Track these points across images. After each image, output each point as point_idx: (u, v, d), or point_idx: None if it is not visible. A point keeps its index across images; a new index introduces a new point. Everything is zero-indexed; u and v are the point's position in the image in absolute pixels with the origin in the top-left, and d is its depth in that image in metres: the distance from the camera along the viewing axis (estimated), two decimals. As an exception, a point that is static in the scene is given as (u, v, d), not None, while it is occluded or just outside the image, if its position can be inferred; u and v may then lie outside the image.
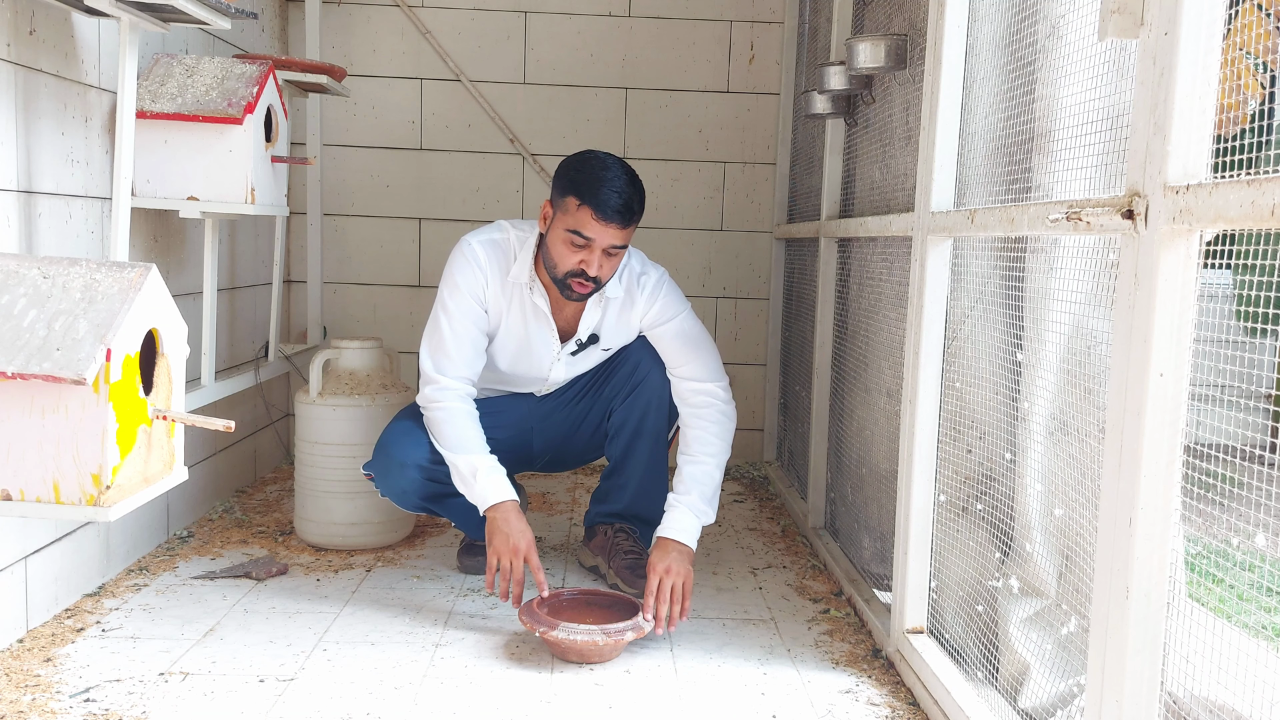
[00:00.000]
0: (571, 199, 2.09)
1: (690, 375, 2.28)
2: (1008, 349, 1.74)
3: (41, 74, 1.95)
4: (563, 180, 2.13)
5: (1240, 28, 1.43)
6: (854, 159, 2.61)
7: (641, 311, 2.29)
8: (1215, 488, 1.14)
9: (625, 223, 2.09)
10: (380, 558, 2.54)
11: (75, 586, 2.15)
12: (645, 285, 2.28)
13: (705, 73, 3.52)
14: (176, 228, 2.55)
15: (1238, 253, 1.12)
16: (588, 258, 2.11)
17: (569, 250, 2.11)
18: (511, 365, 2.34)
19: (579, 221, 2.08)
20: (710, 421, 2.26)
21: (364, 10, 3.43)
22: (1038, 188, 1.59)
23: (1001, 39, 1.74)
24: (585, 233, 2.08)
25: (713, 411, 2.27)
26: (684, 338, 2.29)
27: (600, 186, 2.07)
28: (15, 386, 1.38)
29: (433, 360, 2.22)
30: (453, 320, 2.22)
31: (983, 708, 1.63)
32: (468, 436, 2.17)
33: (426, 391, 2.21)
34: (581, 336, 2.30)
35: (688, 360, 2.29)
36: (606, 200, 2.06)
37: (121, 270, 1.47)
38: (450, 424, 2.18)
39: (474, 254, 2.23)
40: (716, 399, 2.27)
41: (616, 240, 2.10)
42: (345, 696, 1.78)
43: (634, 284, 2.29)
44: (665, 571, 2.08)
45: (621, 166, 2.13)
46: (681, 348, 2.29)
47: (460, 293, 2.22)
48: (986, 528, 1.77)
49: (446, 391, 2.20)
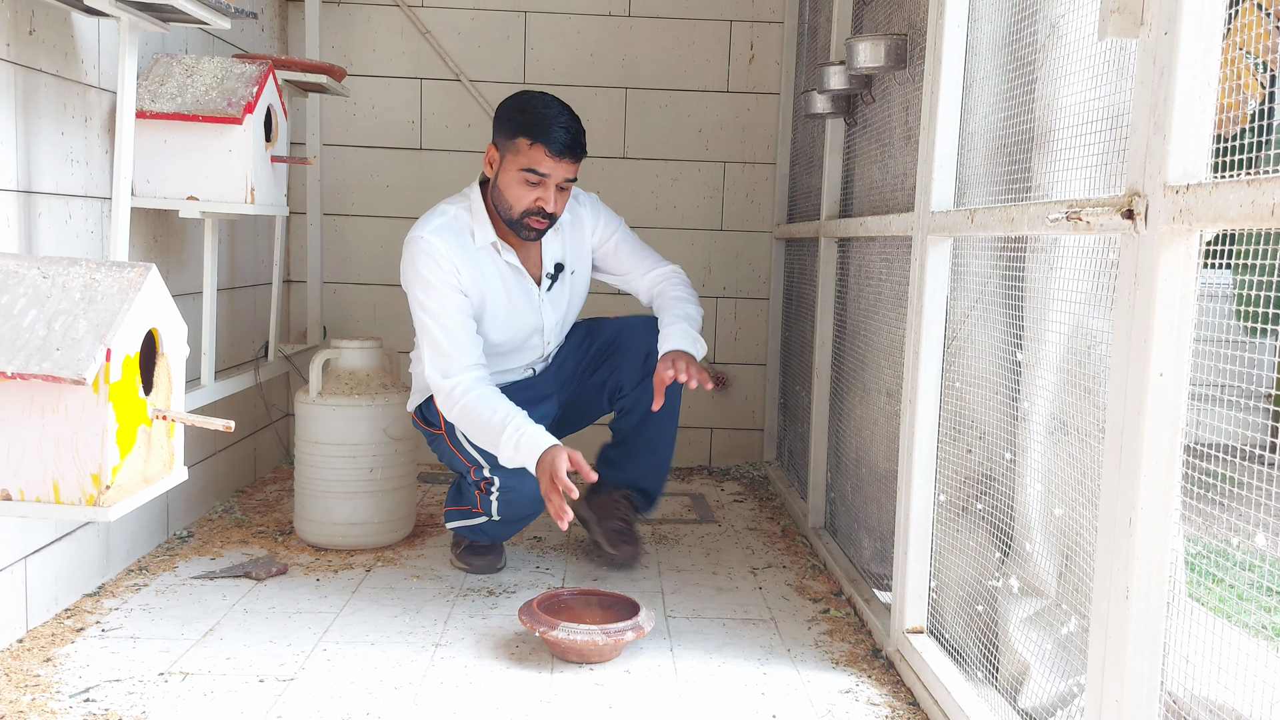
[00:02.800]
0: (522, 139, 2.20)
1: (651, 270, 2.49)
2: (1008, 349, 1.74)
3: (41, 74, 1.95)
4: (508, 123, 2.23)
5: (1240, 28, 1.43)
6: (854, 159, 2.61)
7: (590, 226, 2.45)
8: (1215, 488, 1.14)
9: (576, 157, 2.22)
10: (380, 558, 2.54)
11: (75, 586, 2.15)
12: (584, 202, 2.46)
13: (705, 73, 3.52)
14: (176, 228, 2.55)
15: (1238, 253, 1.12)
16: (544, 195, 2.22)
17: (524, 189, 2.21)
18: (505, 334, 2.37)
19: (533, 160, 2.19)
20: (675, 285, 2.46)
21: (364, 10, 3.42)
22: (1038, 187, 1.59)
23: (1001, 39, 1.73)
24: (540, 169, 2.19)
25: (676, 278, 2.49)
26: (633, 242, 2.51)
27: (550, 125, 2.18)
28: (15, 386, 1.38)
29: (438, 370, 2.22)
30: (439, 319, 2.22)
31: (983, 708, 1.63)
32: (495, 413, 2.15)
33: (441, 399, 2.22)
34: (549, 269, 2.39)
35: (643, 260, 2.50)
36: (557, 137, 2.18)
37: (121, 270, 1.47)
38: (475, 410, 2.16)
39: (432, 245, 2.24)
40: (676, 271, 2.51)
41: (569, 174, 2.23)
42: (345, 696, 1.78)
43: (573, 205, 2.43)
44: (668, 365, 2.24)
45: (560, 104, 2.24)
46: (634, 250, 2.50)
47: (434, 288, 2.23)
48: (986, 528, 1.77)
49: (458, 388, 2.19)
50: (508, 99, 2.28)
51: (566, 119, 2.20)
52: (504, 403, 2.17)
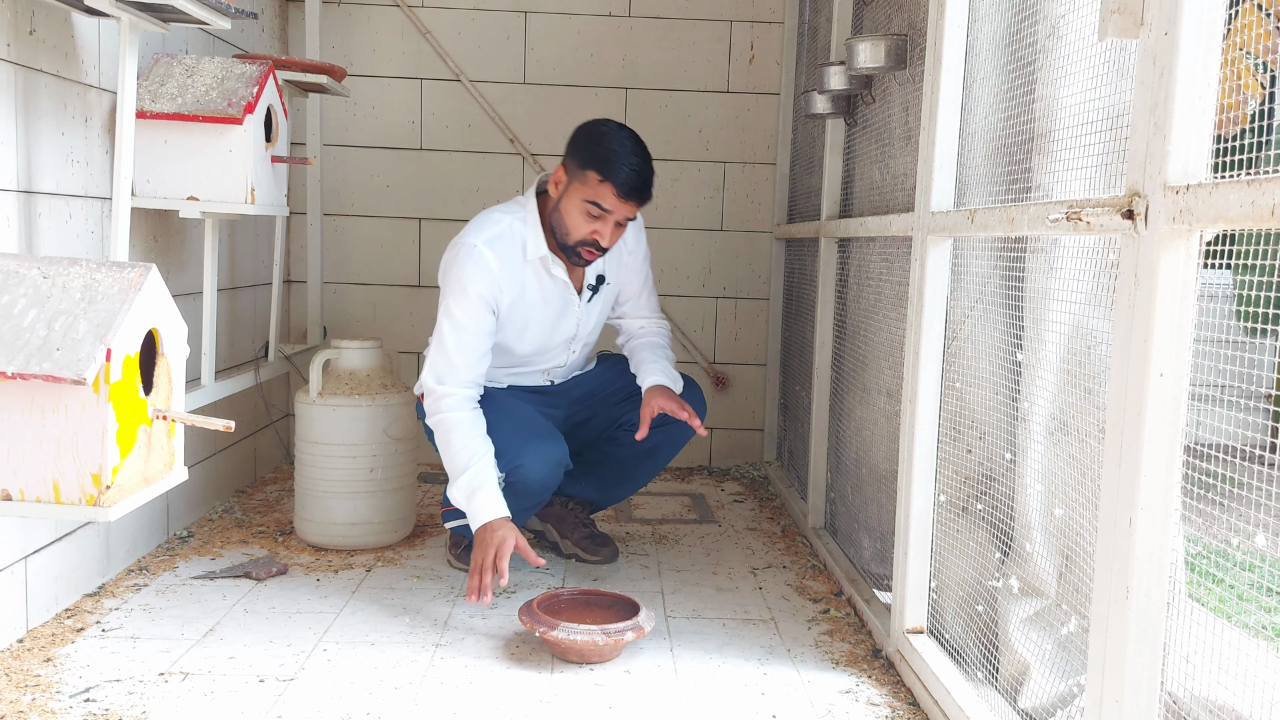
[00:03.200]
0: (593, 173, 2.19)
1: (645, 314, 2.55)
2: (1008, 349, 1.74)
3: (41, 74, 1.95)
4: (583, 152, 2.22)
5: (1240, 28, 1.43)
6: (854, 159, 2.61)
7: (630, 246, 2.48)
8: (1215, 488, 1.14)
9: (642, 201, 2.23)
10: (380, 558, 2.54)
11: (75, 586, 2.15)
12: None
13: (705, 73, 3.52)
14: (176, 228, 2.55)
15: (1238, 253, 1.12)
16: (602, 229, 2.23)
17: (585, 220, 2.22)
18: (537, 344, 2.39)
19: (599, 195, 2.19)
20: (662, 336, 2.54)
21: (364, 10, 3.43)
22: (1038, 188, 1.59)
23: (1001, 39, 1.74)
24: (604, 205, 2.19)
25: (665, 330, 2.57)
26: (648, 281, 2.55)
27: (622, 163, 2.18)
28: (15, 386, 1.38)
29: (435, 374, 2.24)
30: (460, 331, 2.23)
31: (983, 708, 1.63)
32: (467, 447, 2.17)
33: (429, 404, 2.24)
34: (591, 281, 2.42)
35: (649, 301, 2.56)
36: (627, 179, 2.18)
37: (121, 270, 1.47)
38: (451, 434, 2.19)
39: (483, 257, 2.23)
40: (664, 326, 2.59)
41: (632, 214, 2.24)
42: (345, 696, 1.78)
43: None
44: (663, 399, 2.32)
45: (636, 141, 2.24)
46: (643, 287, 2.54)
47: (469, 300, 2.22)
48: (986, 528, 1.77)
49: (445, 400, 2.21)
50: (586, 125, 2.27)
51: (639, 161, 2.20)
52: (480, 440, 2.19)
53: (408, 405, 2.61)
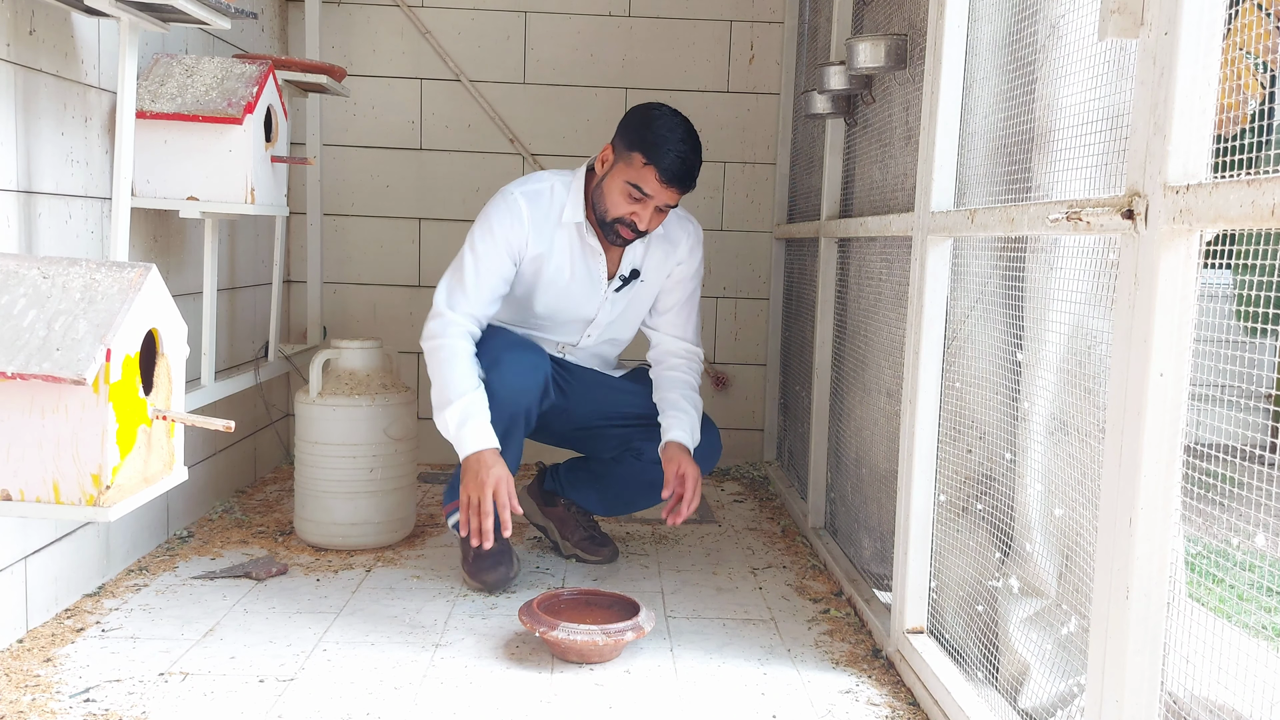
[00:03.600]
0: (638, 155, 2.18)
1: (683, 336, 2.48)
2: (1008, 349, 1.74)
3: (41, 74, 1.95)
4: (631, 133, 2.21)
5: (1240, 28, 1.43)
6: (854, 159, 2.61)
7: (680, 257, 2.43)
8: (1215, 488, 1.14)
9: (685, 188, 2.21)
10: (380, 558, 2.54)
11: (75, 586, 2.15)
12: (689, 232, 2.44)
13: (705, 73, 3.52)
14: (176, 228, 2.55)
15: (1238, 253, 1.12)
16: (640, 211, 2.21)
17: (625, 200, 2.21)
18: (551, 307, 2.37)
19: (641, 178, 2.18)
20: (693, 374, 2.46)
21: (364, 10, 3.43)
22: (1038, 188, 1.59)
23: (1001, 39, 1.73)
24: (645, 189, 2.18)
25: (696, 365, 2.48)
26: (692, 298, 2.49)
27: (668, 149, 2.16)
28: (15, 386, 1.38)
29: (448, 295, 2.25)
30: (480, 262, 2.25)
31: (983, 708, 1.62)
32: (466, 377, 2.17)
33: (432, 326, 2.23)
34: (624, 272, 2.38)
35: (687, 320, 2.48)
36: (671, 165, 2.16)
37: (121, 270, 1.47)
38: (452, 361, 2.18)
39: (516, 205, 2.26)
40: (699, 359, 2.50)
41: (673, 201, 2.22)
42: (345, 696, 1.78)
43: (678, 227, 2.42)
44: (687, 465, 2.23)
45: (687, 129, 2.21)
46: (685, 303, 2.48)
47: (494, 238, 2.25)
48: (986, 528, 1.77)
49: (452, 326, 2.21)
50: (638, 107, 2.27)
51: (686, 149, 2.18)
52: (477, 376, 2.19)
53: (408, 405, 2.62)
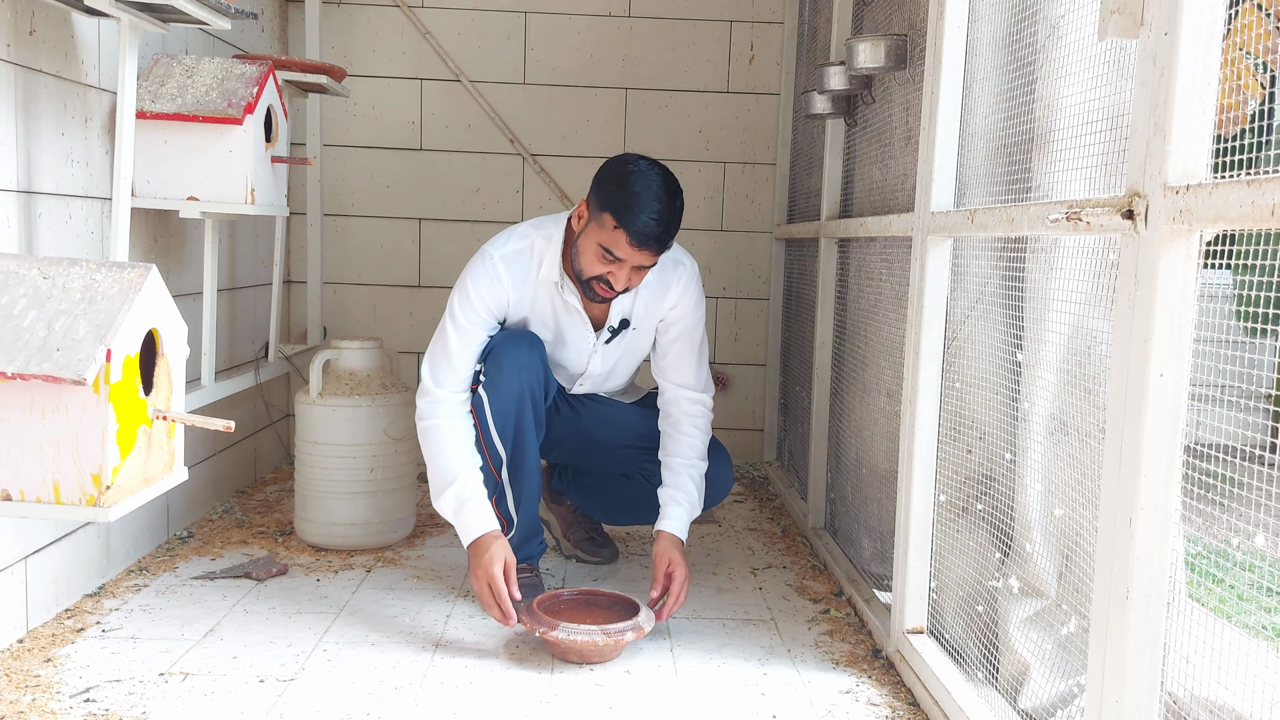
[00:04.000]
0: (609, 216, 2.04)
1: (687, 384, 2.32)
2: (1008, 349, 1.74)
3: (41, 74, 1.95)
4: (604, 191, 2.07)
5: (1240, 28, 1.43)
6: (854, 159, 2.61)
7: (672, 302, 2.29)
8: (1215, 488, 1.14)
9: (658, 251, 2.07)
10: (380, 558, 2.54)
11: (75, 587, 2.15)
12: (680, 276, 2.29)
13: (705, 73, 3.52)
14: (176, 228, 2.55)
15: (1238, 253, 1.12)
16: (616, 271, 2.09)
17: (598, 261, 2.09)
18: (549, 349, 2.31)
19: (613, 241, 2.05)
20: (701, 430, 2.31)
21: (364, 10, 3.43)
22: (1038, 188, 1.59)
23: (1001, 39, 1.73)
24: (616, 252, 2.05)
25: (704, 420, 2.32)
26: (692, 343, 2.33)
27: (639, 212, 2.01)
28: (15, 387, 1.38)
29: (433, 371, 2.19)
30: (462, 333, 2.18)
31: (983, 708, 1.62)
32: (458, 457, 2.13)
33: (422, 406, 2.19)
34: (613, 323, 2.29)
35: (689, 367, 2.32)
36: (643, 228, 2.02)
37: (121, 270, 1.47)
38: (442, 443, 2.14)
39: (493, 268, 2.19)
40: (707, 408, 2.33)
41: (648, 262, 2.09)
42: (345, 696, 1.78)
43: (668, 270, 2.27)
44: (677, 563, 2.14)
45: (663, 186, 2.05)
46: (686, 351, 2.32)
47: (471, 305, 2.18)
48: (986, 528, 1.77)
49: (440, 405, 2.16)
50: (613, 161, 2.12)
51: (660, 207, 2.02)
52: (470, 452, 2.15)
53: (408, 405, 2.61)
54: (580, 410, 2.40)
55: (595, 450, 2.44)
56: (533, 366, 2.18)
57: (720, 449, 2.39)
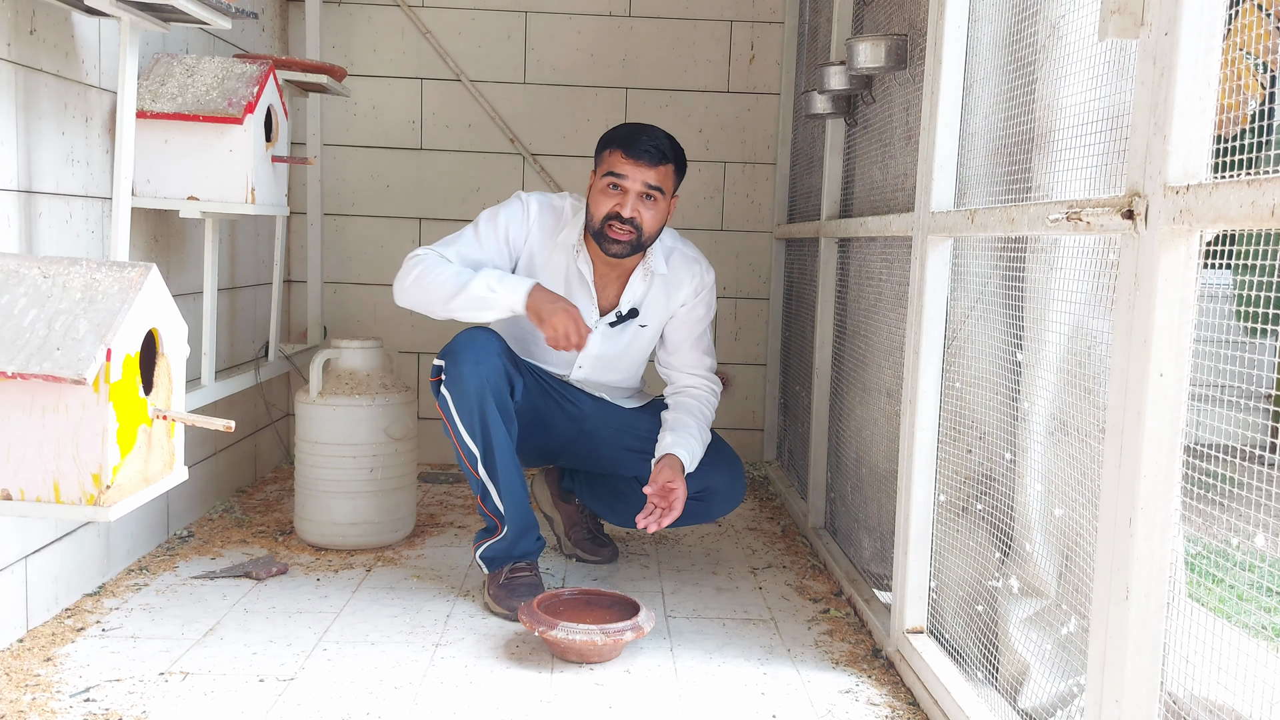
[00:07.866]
0: (606, 151, 2.24)
1: (693, 369, 2.44)
2: (1008, 349, 1.74)
3: (42, 74, 1.95)
4: (600, 142, 2.28)
5: (1240, 28, 1.43)
6: (854, 159, 2.61)
7: (684, 298, 2.41)
8: (1215, 488, 1.14)
9: (655, 161, 2.20)
10: (380, 558, 2.54)
11: (75, 586, 2.15)
12: (695, 274, 2.41)
13: (705, 73, 3.52)
14: (176, 228, 2.55)
15: (1238, 253, 1.12)
16: (622, 200, 2.21)
17: (605, 197, 2.23)
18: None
19: (611, 163, 2.21)
20: (706, 405, 2.42)
21: (364, 10, 3.43)
22: (1038, 188, 1.59)
23: (1001, 39, 1.74)
24: (617, 170, 2.19)
25: (711, 396, 2.44)
26: (703, 338, 2.46)
27: (629, 131, 2.23)
28: (15, 386, 1.38)
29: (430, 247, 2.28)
30: (474, 235, 2.29)
31: (983, 708, 1.63)
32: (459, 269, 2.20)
33: (407, 263, 2.25)
34: (622, 308, 2.36)
35: (701, 358, 2.45)
36: (636, 140, 2.20)
37: (121, 270, 1.47)
38: (437, 269, 2.20)
39: (527, 205, 2.32)
40: (714, 390, 2.45)
41: (650, 179, 2.20)
42: (345, 696, 1.78)
43: (684, 267, 2.40)
44: (679, 482, 2.21)
45: (655, 127, 2.26)
46: (693, 348, 2.45)
47: (495, 225, 2.29)
48: (986, 528, 1.77)
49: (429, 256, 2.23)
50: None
51: (651, 132, 2.23)
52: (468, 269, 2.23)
53: (408, 405, 2.62)
54: (585, 414, 2.40)
55: (601, 454, 2.46)
56: (489, 360, 2.20)
57: (735, 461, 2.43)
